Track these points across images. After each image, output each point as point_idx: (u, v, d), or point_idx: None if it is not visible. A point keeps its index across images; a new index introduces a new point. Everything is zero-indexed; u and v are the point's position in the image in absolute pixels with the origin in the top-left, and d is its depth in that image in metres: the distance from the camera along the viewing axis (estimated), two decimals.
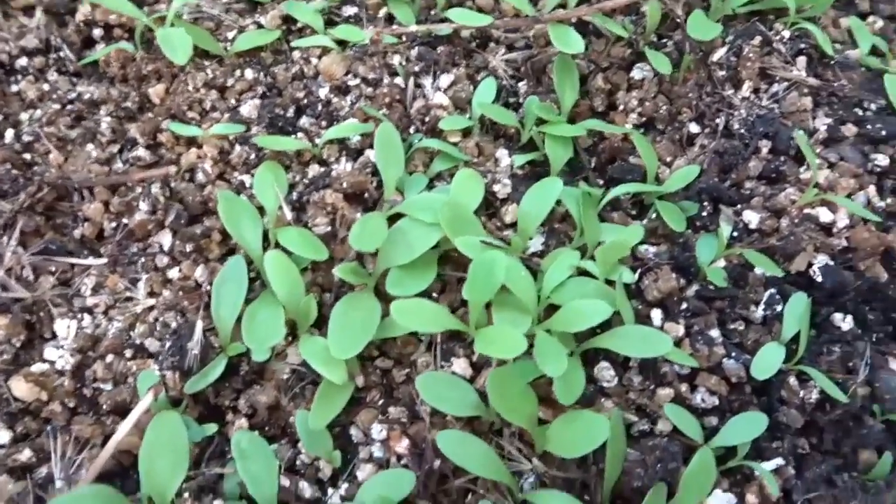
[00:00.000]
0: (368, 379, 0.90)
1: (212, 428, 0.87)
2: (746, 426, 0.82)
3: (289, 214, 0.95)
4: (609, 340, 0.84)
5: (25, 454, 0.85)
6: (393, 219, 0.92)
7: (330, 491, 0.85)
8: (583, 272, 0.91)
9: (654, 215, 1.00)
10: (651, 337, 0.83)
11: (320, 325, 0.91)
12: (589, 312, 0.83)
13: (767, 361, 0.85)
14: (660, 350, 0.82)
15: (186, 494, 0.82)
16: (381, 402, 0.89)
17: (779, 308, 0.90)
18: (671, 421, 0.82)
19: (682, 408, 0.83)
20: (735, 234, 0.96)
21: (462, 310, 0.91)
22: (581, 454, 0.79)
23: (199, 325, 0.89)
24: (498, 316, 0.86)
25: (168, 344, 0.89)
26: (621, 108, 1.11)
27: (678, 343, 0.87)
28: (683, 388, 0.85)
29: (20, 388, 0.87)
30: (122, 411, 0.88)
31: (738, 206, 0.99)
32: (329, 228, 0.94)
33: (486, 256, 0.85)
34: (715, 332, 0.87)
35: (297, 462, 0.87)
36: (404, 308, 0.83)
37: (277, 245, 0.93)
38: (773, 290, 0.91)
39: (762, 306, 0.90)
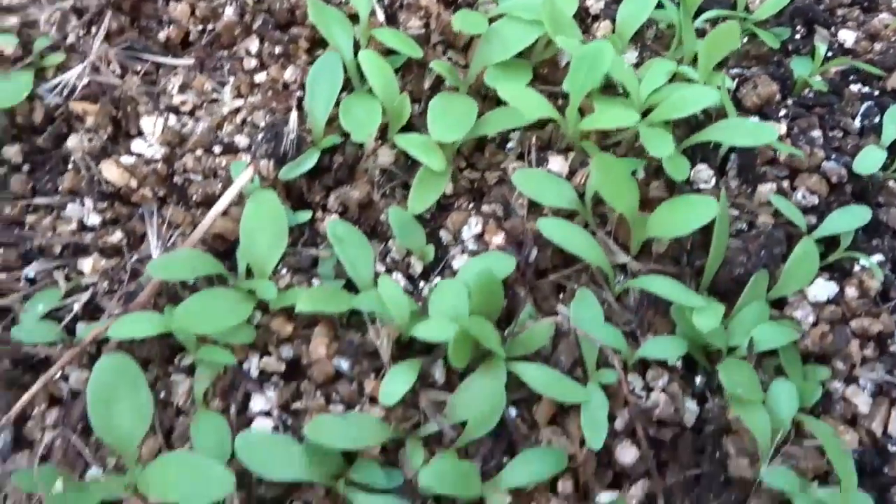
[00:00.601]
0: (458, 185, 0.89)
1: (305, 215, 0.86)
2: (850, 217, 0.81)
3: (381, 17, 0.94)
4: (712, 133, 0.83)
5: (117, 236, 0.84)
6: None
7: (422, 283, 0.85)
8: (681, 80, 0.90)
9: (745, 40, 0.99)
10: (756, 128, 0.83)
11: (410, 129, 0.90)
12: (694, 98, 0.82)
13: (870, 159, 0.84)
14: (765, 139, 0.81)
15: (284, 270, 0.82)
16: (471, 205, 0.88)
17: (876, 119, 0.89)
18: (775, 207, 0.81)
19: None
20: (829, 54, 0.95)
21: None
22: (689, 231, 0.78)
23: (294, 115, 0.88)
24: (600, 108, 0.85)
25: (262, 134, 0.87)
26: None
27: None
28: (785, 184, 0.85)
29: (111, 171, 0.86)
30: (212, 202, 0.86)
31: (832, 28, 0.98)
32: (423, 31, 0.93)
33: (591, 46, 0.84)
34: (816, 133, 0.86)
35: (388, 260, 0.86)
36: (513, 90, 0.82)
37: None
38: (870, 103, 0.90)
39: (859, 118, 0.90)
